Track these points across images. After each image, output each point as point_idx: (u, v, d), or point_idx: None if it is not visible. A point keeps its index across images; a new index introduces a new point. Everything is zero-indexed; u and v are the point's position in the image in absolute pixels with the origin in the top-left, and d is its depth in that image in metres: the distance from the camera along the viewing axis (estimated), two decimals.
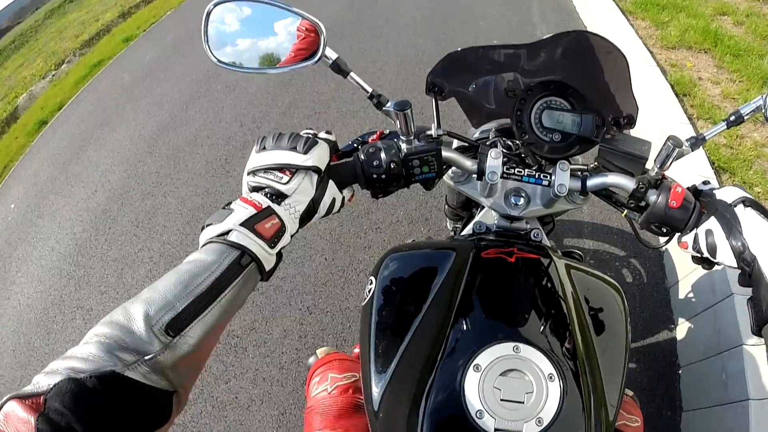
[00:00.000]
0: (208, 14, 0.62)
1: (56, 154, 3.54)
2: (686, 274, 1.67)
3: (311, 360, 0.83)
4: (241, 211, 0.52)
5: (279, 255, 0.55)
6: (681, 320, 1.65)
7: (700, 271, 1.58)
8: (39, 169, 3.46)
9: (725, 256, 0.57)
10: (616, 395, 0.60)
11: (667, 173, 0.65)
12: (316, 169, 0.58)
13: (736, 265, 0.57)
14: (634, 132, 0.78)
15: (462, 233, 0.90)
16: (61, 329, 2.17)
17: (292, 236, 0.57)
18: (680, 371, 1.56)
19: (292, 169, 0.57)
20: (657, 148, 0.64)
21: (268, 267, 0.52)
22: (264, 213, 0.53)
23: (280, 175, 0.56)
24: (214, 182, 2.63)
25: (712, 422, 1.35)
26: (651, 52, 2.54)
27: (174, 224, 2.44)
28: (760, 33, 2.84)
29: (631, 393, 0.84)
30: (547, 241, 0.79)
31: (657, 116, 2.11)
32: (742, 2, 3.26)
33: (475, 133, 0.96)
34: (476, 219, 0.83)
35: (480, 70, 0.78)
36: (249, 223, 0.51)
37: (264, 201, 0.54)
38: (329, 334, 1.78)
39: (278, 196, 0.56)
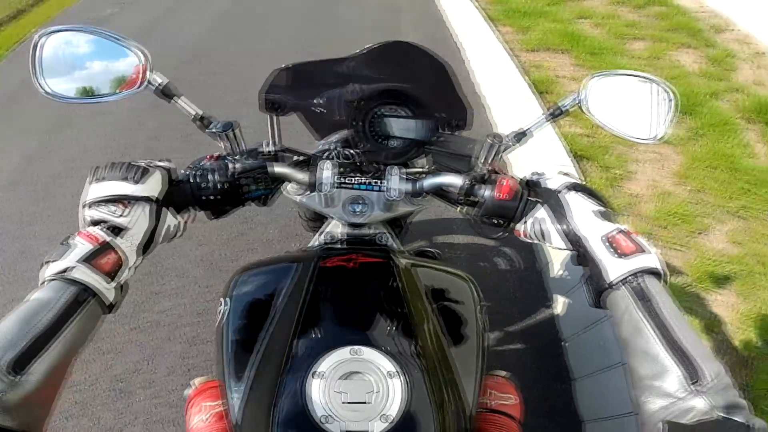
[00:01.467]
0: (35, 45, 0.62)
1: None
2: (555, 255, 1.81)
3: (187, 391, 0.82)
4: (80, 246, 0.52)
5: (123, 288, 0.57)
6: (557, 297, 1.77)
7: (567, 252, 1.72)
8: None
9: (557, 241, 0.61)
10: (473, 381, 0.64)
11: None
12: (149, 200, 0.59)
13: (568, 248, 0.61)
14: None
15: (310, 245, 0.91)
16: None
17: (135, 268, 0.59)
18: (564, 344, 1.67)
19: (127, 201, 0.58)
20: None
21: (109, 300, 0.53)
22: (102, 248, 0.53)
23: (114, 208, 0.57)
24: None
25: (600, 386, 1.45)
26: (513, 56, 2.75)
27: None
28: (616, 33, 3.18)
29: (503, 373, 0.88)
30: (394, 244, 0.82)
31: (518, 114, 2.29)
32: (600, 6, 3.64)
33: (319, 145, 0.97)
34: (324, 229, 0.85)
35: (319, 84, 0.79)
36: (88, 259, 0.51)
37: (101, 235, 0.54)
38: (213, 363, 1.69)
39: (117, 229, 0.56)
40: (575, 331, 1.62)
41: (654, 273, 0.52)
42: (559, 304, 1.77)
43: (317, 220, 1.32)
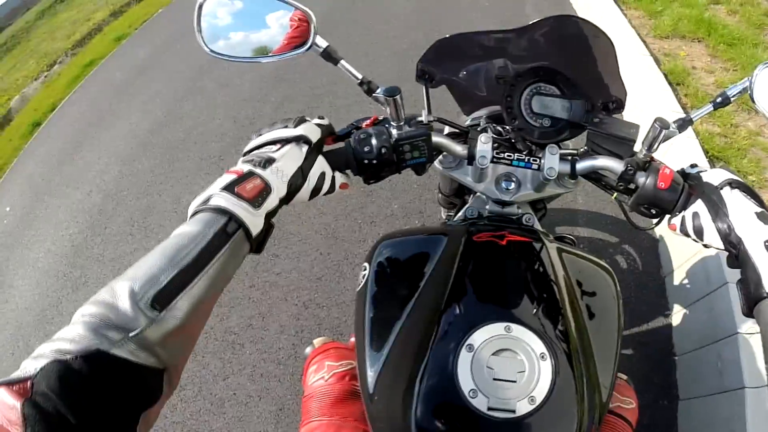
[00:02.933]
0: (200, 6, 0.63)
1: (50, 156, 3.52)
2: (681, 263, 1.67)
3: (308, 350, 0.84)
4: (224, 178, 0.52)
5: (269, 223, 0.54)
6: (677, 308, 1.65)
7: (695, 260, 1.59)
8: (33, 171, 3.44)
9: (712, 239, 0.58)
10: (609, 377, 0.61)
11: (658, 157, 0.66)
12: (305, 139, 0.60)
13: (723, 248, 0.57)
14: (626, 118, 0.79)
15: (454, 219, 0.90)
16: (59, 331, 2.17)
17: (281, 201, 0.56)
18: (676, 359, 1.56)
19: (283, 142, 0.58)
20: (646, 131, 0.64)
21: (255, 231, 0.51)
22: (245, 176, 0.52)
23: (272, 147, 0.58)
24: (208, 179, 2.54)
25: (708, 411, 1.35)
26: (644, 42, 2.54)
27: (170, 222, 2.44)
28: (753, 22, 2.83)
29: (625, 377, 0.85)
30: (539, 226, 0.80)
31: (650, 105, 2.12)
32: None
33: (467, 121, 0.96)
34: (468, 205, 0.84)
35: (470, 57, 0.78)
36: (230, 187, 0.50)
37: (246, 167, 0.54)
38: (325, 329, 1.79)
39: (266, 162, 0.55)
40: (691, 347, 1.50)
41: None
42: (679, 316, 1.64)
43: (457, 196, 1.32)
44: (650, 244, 1.86)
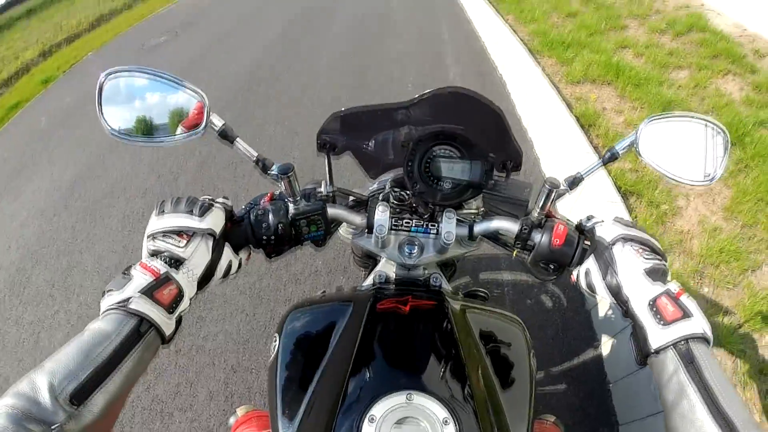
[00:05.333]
0: (100, 86, 0.63)
1: None
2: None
3: (231, 420, 0.83)
4: (140, 278, 0.53)
5: (178, 319, 0.57)
6: (604, 338, 1.72)
7: None
8: None
9: (604, 295, 0.61)
10: (524, 426, 0.62)
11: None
12: (211, 233, 0.61)
13: (614, 304, 0.60)
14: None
15: (363, 284, 0.90)
16: None
17: (191, 300, 0.59)
18: (611, 387, 1.60)
19: (189, 233, 0.59)
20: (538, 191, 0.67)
21: (167, 332, 0.54)
22: (162, 280, 0.54)
23: (178, 239, 0.59)
24: (131, 238, 2.52)
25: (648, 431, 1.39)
26: (557, 88, 2.73)
27: (91, 283, 2.29)
28: (658, 62, 3.11)
29: (553, 418, 0.86)
30: (446, 285, 0.81)
31: (563, 149, 2.25)
32: (642, 35, 3.59)
33: (373, 185, 0.97)
34: (376, 269, 0.84)
35: (371, 127, 0.79)
36: (148, 291, 0.52)
37: (162, 267, 0.56)
38: (255, 393, 1.72)
39: (176, 261, 0.57)
40: (623, 374, 1.56)
41: (701, 337, 0.51)
42: (607, 346, 1.70)
43: (369, 257, 1.33)
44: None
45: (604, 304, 1.77)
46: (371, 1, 5.92)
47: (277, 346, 0.69)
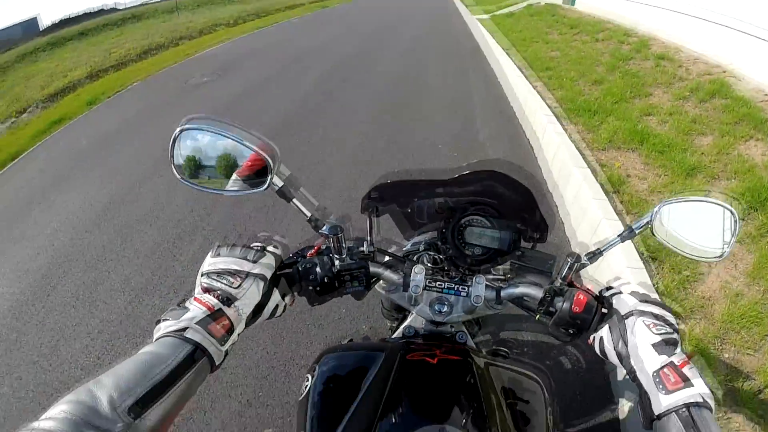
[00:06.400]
0: (175, 137, 0.68)
1: (1, 207, 3.39)
2: None
3: None
4: (196, 310, 0.59)
5: (226, 351, 0.61)
6: (622, 402, 1.69)
7: None
8: None
9: (614, 360, 0.65)
10: None
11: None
12: (262, 277, 0.66)
13: (623, 370, 0.64)
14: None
15: (393, 336, 0.94)
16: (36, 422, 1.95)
17: (238, 334, 0.64)
18: None
19: (242, 275, 0.65)
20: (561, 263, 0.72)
21: (218, 362, 0.58)
22: (216, 314, 0.60)
23: (232, 279, 0.64)
24: (160, 264, 2.58)
25: None
26: (583, 155, 2.80)
27: (115, 302, 2.34)
28: (682, 129, 3.15)
29: None
30: (471, 343, 0.85)
31: (589, 213, 2.29)
32: (666, 102, 3.67)
33: (407, 245, 1.03)
34: (406, 323, 0.89)
35: (411, 194, 0.87)
36: (203, 323, 0.58)
37: (216, 304, 0.61)
38: (268, 429, 1.71)
39: (228, 299, 0.62)
40: None
41: (702, 404, 0.54)
42: (625, 409, 1.67)
43: (398, 310, 1.36)
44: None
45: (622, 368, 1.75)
46: (410, 67, 6.19)
47: (308, 385, 0.73)
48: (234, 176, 0.70)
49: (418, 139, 3.73)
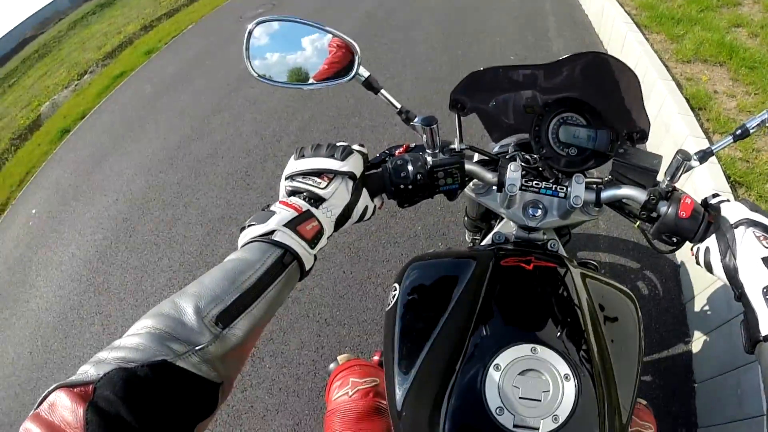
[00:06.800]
0: (250, 33, 0.66)
1: (78, 162, 3.63)
2: (702, 290, 1.65)
3: (332, 366, 0.86)
4: (284, 213, 0.55)
5: (315, 255, 0.58)
6: (697, 335, 1.63)
7: (716, 287, 1.57)
8: (61, 176, 3.54)
9: (720, 274, 0.60)
10: (629, 400, 0.62)
11: (681, 186, 0.67)
12: (352, 176, 0.62)
13: (729, 285, 0.59)
14: (648, 145, 0.81)
15: (482, 243, 0.92)
16: (78, 333, 2.21)
17: (327, 238, 0.60)
18: (696, 386, 1.54)
19: (330, 175, 0.61)
20: (669, 161, 0.66)
21: (308, 266, 0.55)
22: (305, 215, 0.56)
23: (319, 180, 0.60)
24: (234, 194, 2.67)
25: None
26: (666, 66, 2.53)
27: (194, 234, 2.48)
28: None
29: (644, 402, 0.86)
30: (563, 251, 0.82)
31: (673, 130, 2.11)
32: (757, 13, 3.22)
33: (495, 148, 0.99)
34: (495, 229, 0.86)
35: (500, 88, 0.81)
36: (292, 224, 0.54)
37: (303, 205, 0.57)
38: (346, 347, 1.79)
39: (316, 200, 0.59)
40: (711, 374, 1.48)
41: None
42: (699, 343, 1.62)
43: (483, 220, 1.34)
44: (671, 271, 1.84)
45: (701, 298, 1.67)
46: None
47: (396, 296, 0.71)
48: (313, 66, 0.68)
49: (488, 51, 3.49)
